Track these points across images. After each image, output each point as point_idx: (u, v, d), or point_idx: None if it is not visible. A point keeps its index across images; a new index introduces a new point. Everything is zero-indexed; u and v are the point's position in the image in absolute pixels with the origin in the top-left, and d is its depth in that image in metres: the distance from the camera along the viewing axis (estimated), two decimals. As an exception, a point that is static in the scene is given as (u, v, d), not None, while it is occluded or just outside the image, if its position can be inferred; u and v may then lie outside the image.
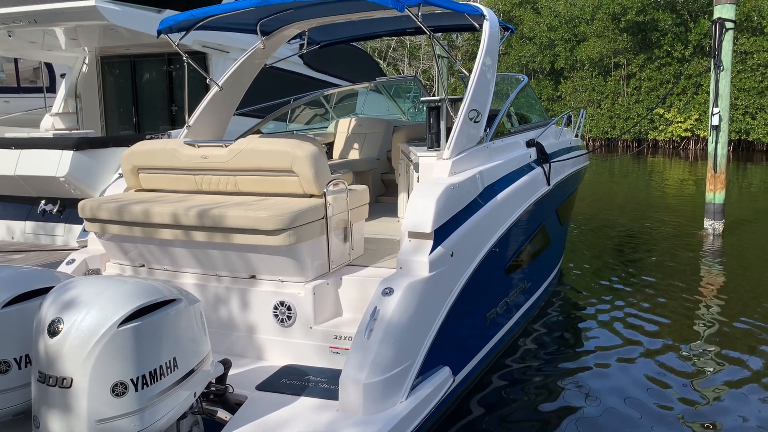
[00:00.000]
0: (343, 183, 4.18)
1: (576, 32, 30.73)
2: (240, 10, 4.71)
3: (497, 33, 5.15)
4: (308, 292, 3.82)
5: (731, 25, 9.75)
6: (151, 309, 2.75)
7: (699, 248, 9.10)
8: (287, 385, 3.58)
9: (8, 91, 12.54)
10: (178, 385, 2.83)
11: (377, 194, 7.28)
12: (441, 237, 3.85)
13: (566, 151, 6.66)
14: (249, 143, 4.13)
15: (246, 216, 3.70)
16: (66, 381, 2.61)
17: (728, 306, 6.49)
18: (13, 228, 7.39)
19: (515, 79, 6.92)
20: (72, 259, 4.48)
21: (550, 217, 6.14)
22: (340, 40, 6.84)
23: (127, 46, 9.23)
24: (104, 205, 4.08)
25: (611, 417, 4.26)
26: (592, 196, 14.00)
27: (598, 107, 29.96)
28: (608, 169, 20.75)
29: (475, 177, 4.34)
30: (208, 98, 5.58)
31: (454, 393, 4.04)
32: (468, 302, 4.14)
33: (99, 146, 7.12)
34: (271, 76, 8.20)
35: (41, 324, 2.70)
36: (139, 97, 9.89)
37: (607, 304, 6.57)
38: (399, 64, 40.46)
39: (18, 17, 7.45)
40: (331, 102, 9.38)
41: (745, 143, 26.31)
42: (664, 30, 27.62)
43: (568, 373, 4.96)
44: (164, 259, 4.15)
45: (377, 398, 3.28)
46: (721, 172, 10.13)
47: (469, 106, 4.54)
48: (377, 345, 3.35)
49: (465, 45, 37.46)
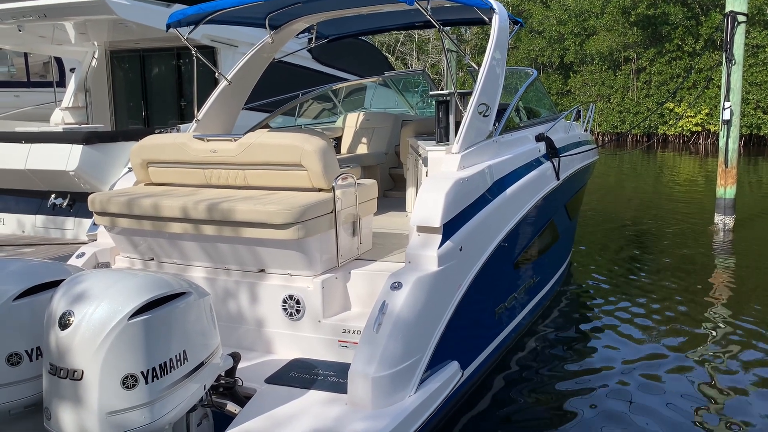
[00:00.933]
0: (352, 177, 4.18)
1: (585, 26, 30.55)
2: (249, 4, 4.71)
3: (506, 27, 5.12)
4: (317, 286, 3.83)
5: (743, 18, 9.66)
6: (162, 302, 2.77)
7: (709, 243, 9.04)
8: (296, 379, 3.59)
9: (18, 85, 12.62)
10: (188, 377, 2.85)
11: (385, 189, 7.28)
12: (450, 231, 3.84)
13: (575, 145, 6.62)
14: (258, 137, 4.13)
15: (255, 210, 3.70)
16: (77, 373, 2.63)
17: (739, 302, 6.45)
18: (24, 221, 7.44)
19: (524, 73, 6.89)
20: (82, 253, 4.51)
21: (559, 212, 6.12)
22: (349, 34, 6.83)
23: (136, 41, 9.25)
24: (114, 198, 4.09)
25: (618, 415, 4.25)
26: (602, 191, 13.94)
27: (608, 101, 29.80)
28: (618, 163, 20.66)
29: (484, 171, 4.33)
30: (217, 92, 5.59)
31: (462, 387, 4.04)
32: (476, 297, 4.14)
33: (108, 140, 7.14)
34: (280, 70, 8.20)
35: (52, 316, 2.72)
36: (149, 92, 9.91)
37: (615, 300, 6.54)
38: (407, 58, 40.38)
39: (28, 12, 7.48)
40: (339, 96, 9.37)
41: (757, 138, 26.11)
42: (674, 23, 27.41)
43: (576, 369, 4.94)
44: (174, 252, 4.17)
45: (386, 392, 3.28)
46: (732, 167, 10.06)
47: (478, 100, 4.53)
48: (386, 339, 3.35)
49: (474, 39, 37.33)
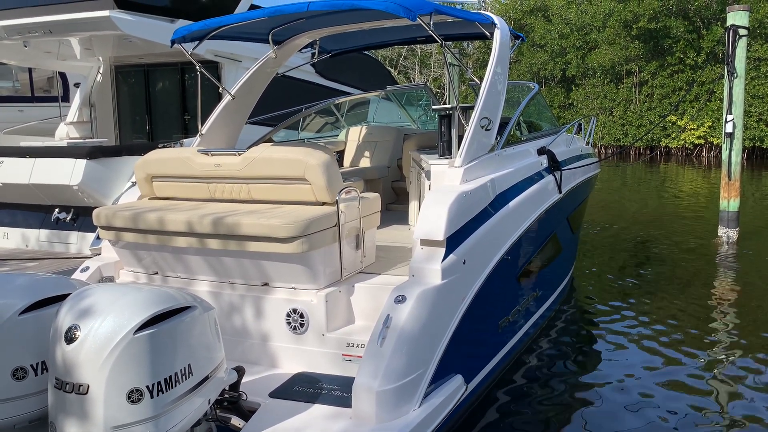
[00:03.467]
0: (355, 191, 4.20)
1: (587, 39, 30.66)
2: (252, 20, 4.76)
3: (508, 41, 5.16)
4: (321, 300, 3.84)
5: (744, 32, 9.71)
6: (167, 316, 2.78)
7: (713, 256, 9.02)
8: (300, 393, 3.59)
9: (23, 100, 12.71)
10: (193, 392, 2.85)
11: (388, 202, 7.29)
12: (453, 245, 3.85)
13: (577, 158, 6.65)
14: (262, 151, 4.16)
15: (259, 224, 3.72)
16: (82, 387, 2.64)
17: (743, 315, 6.43)
18: (28, 236, 7.46)
19: (526, 87, 6.94)
20: (86, 267, 4.52)
21: (561, 225, 6.13)
22: (352, 49, 6.88)
23: (140, 56, 9.33)
24: (119, 213, 4.11)
25: (624, 426, 4.23)
26: (604, 204, 13.92)
27: (610, 114, 29.85)
28: (620, 176, 20.66)
29: (486, 185, 4.35)
30: (221, 107, 5.63)
31: (466, 401, 4.03)
32: (480, 310, 4.14)
33: (112, 155, 7.17)
34: (283, 84, 8.25)
35: (58, 331, 2.73)
36: (153, 106, 9.97)
37: (619, 313, 6.53)
38: (410, 72, 40.56)
39: (33, 28, 7.55)
40: (342, 110, 9.42)
41: (759, 150, 26.09)
42: (676, 37, 27.50)
43: (581, 382, 4.93)
44: (178, 266, 4.18)
45: (390, 406, 3.28)
46: (735, 180, 10.06)
47: (480, 114, 4.56)
48: (390, 353, 3.35)
49: (476, 53, 37.49)
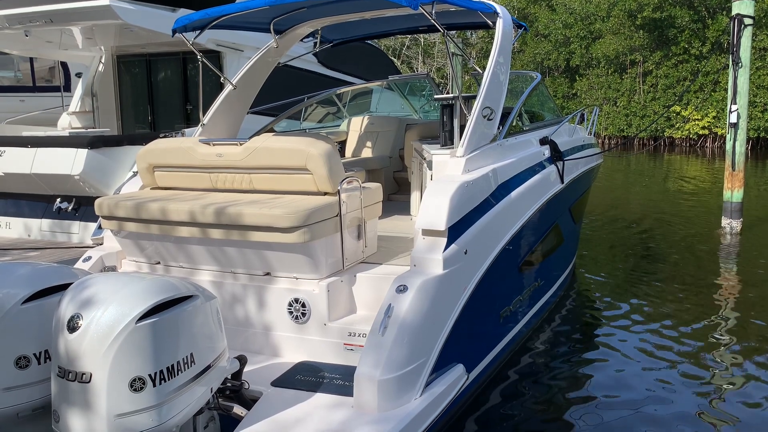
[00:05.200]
0: (357, 181, 4.20)
1: (591, 29, 30.50)
2: (254, 9, 4.74)
3: (510, 31, 5.14)
4: (322, 290, 3.84)
5: (750, 21, 9.64)
6: (169, 305, 2.78)
7: (716, 247, 9.01)
8: (302, 382, 3.60)
9: (24, 90, 12.69)
10: (195, 380, 2.86)
11: (389, 192, 7.29)
12: (455, 235, 3.85)
13: (580, 149, 6.63)
14: (263, 141, 4.15)
15: (261, 213, 3.72)
16: (85, 376, 2.65)
17: (746, 305, 6.42)
18: (30, 225, 7.47)
19: (529, 76, 6.91)
20: (88, 257, 4.53)
21: (563, 216, 6.12)
22: (354, 39, 6.85)
23: (142, 45, 9.30)
24: (121, 202, 4.12)
25: (625, 418, 4.24)
26: (608, 194, 13.91)
27: (614, 105, 29.73)
28: (624, 166, 20.61)
29: (488, 175, 4.34)
30: (223, 97, 5.62)
31: (468, 390, 4.05)
32: (482, 300, 4.14)
33: (113, 144, 7.17)
34: (285, 74, 8.23)
35: (61, 320, 2.74)
36: (155, 96, 9.96)
37: (621, 303, 6.53)
38: (413, 62, 40.40)
39: (34, 17, 7.53)
40: (344, 100, 9.39)
41: (764, 141, 26.00)
42: (681, 27, 27.34)
43: (582, 371, 4.94)
44: (180, 256, 4.19)
45: (392, 395, 3.29)
46: (739, 171, 10.02)
47: (482, 103, 4.54)
48: (391, 342, 3.36)
49: (479, 43, 37.33)
